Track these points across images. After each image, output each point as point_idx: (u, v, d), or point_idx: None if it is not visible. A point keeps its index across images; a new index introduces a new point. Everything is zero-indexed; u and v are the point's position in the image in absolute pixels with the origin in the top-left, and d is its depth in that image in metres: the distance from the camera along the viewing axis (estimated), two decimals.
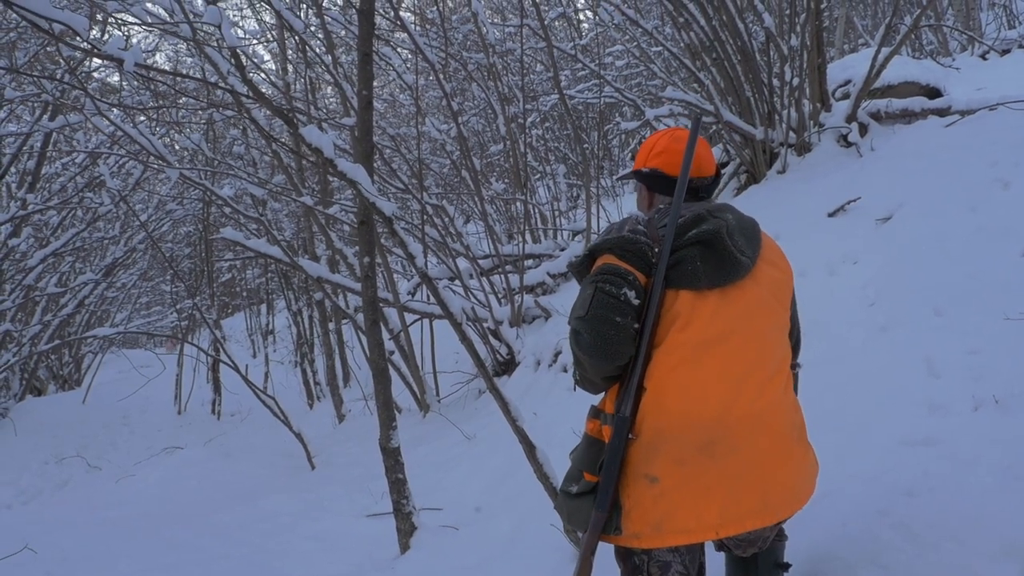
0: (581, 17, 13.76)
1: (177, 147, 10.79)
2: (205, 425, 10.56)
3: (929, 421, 3.16)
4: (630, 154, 14.54)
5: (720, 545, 2.37)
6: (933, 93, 7.44)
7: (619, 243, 2.08)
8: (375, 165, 4.56)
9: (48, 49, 8.63)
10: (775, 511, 1.99)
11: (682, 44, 7.66)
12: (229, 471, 7.52)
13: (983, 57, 11.79)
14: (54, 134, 9.63)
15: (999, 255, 4.05)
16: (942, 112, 6.77)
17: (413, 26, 9.16)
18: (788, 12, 7.00)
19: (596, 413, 2.11)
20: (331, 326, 10.88)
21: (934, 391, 3.33)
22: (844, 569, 2.53)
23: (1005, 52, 11.58)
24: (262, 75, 9.28)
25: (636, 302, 2.02)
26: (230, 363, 8.14)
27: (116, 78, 11.11)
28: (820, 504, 2.29)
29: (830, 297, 4.49)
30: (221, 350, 9.21)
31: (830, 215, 5.47)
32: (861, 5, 15.97)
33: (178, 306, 13.82)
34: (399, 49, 8.79)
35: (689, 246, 2.03)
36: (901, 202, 5.10)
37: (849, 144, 6.60)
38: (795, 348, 2.36)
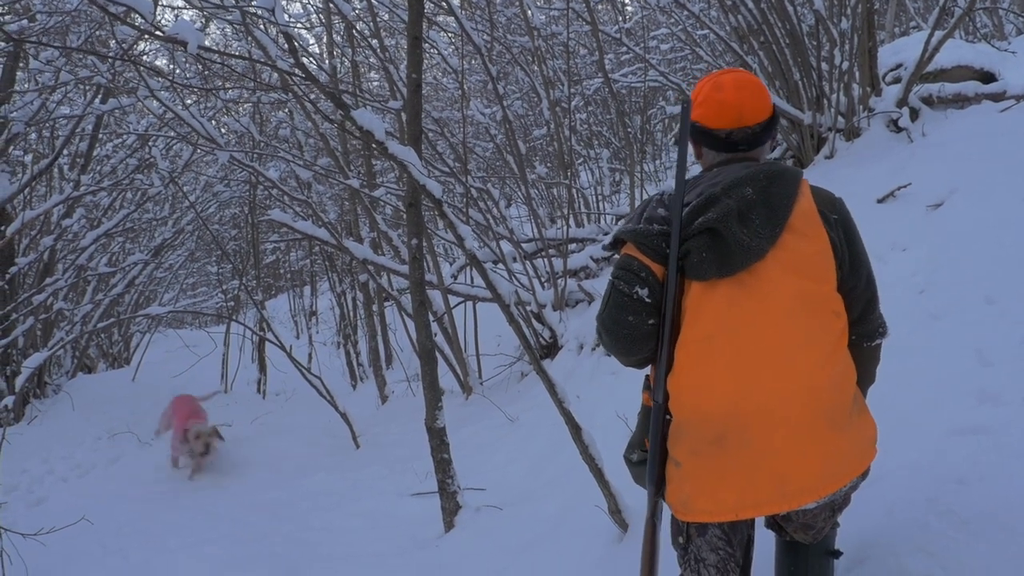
0: (626, 0, 13.67)
1: (224, 130, 10.94)
2: (251, 404, 10.73)
3: (980, 410, 3.12)
4: (673, 139, 14.44)
5: (771, 524, 2.37)
6: (987, 77, 7.29)
7: (634, 235, 2.07)
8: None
9: (99, 33, 8.78)
10: (795, 497, 1.96)
11: (729, 27, 7.58)
12: (275, 449, 7.66)
13: None
14: (105, 116, 9.81)
15: None
16: (997, 97, 6.64)
17: (459, 9, 9.18)
18: None
19: (647, 385, 2.16)
20: (374, 308, 10.99)
21: (985, 380, 3.29)
22: (891, 556, 2.53)
23: None
24: (309, 59, 9.37)
25: (649, 300, 2.02)
26: (276, 342, 8.28)
27: (163, 62, 11.31)
28: (868, 491, 2.28)
29: (879, 285, 4.43)
30: (267, 329, 9.36)
31: (879, 201, 5.40)
32: None
33: (224, 286, 14.03)
34: (443, 32, 8.82)
35: (697, 235, 1.97)
36: (953, 188, 5.02)
37: (899, 129, 6.50)
38: (862, 316, 2.16)
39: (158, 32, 3.64)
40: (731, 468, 1.94)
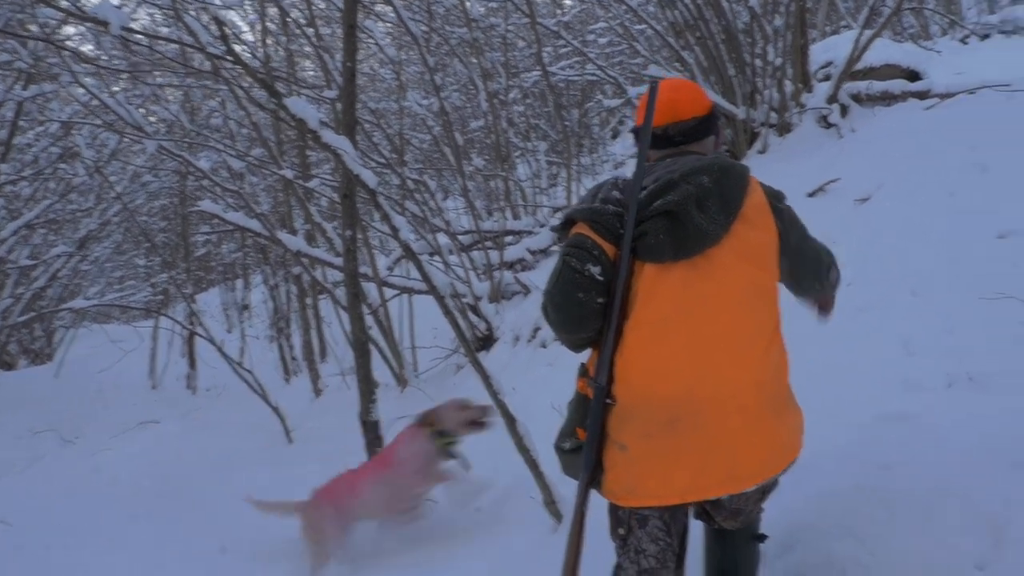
0: None
1: (153, 118, 10.65)
2: (180, 399, 10.49)
3: (904, 398, 3.21)
4: (611, 132, 14.53)
5: (700, 513, 2.39)
6: (913, 76, 7.49)
7: (589, 214, 2.08)
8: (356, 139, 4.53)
9: (19, 16, 8.45)
10: (742, 481, 2.01)
11: (666, 22, 7.65)
12: (206, 445, 7.49)
13: (963, 41, 11.89)
14: (27, 103, 9.44)
15: (975, 237, 4.11)
16: (922, 95, 6.83)
17: None
18: None
19: (584, 372, 2.14)
20: (308, 301, 10.83)
21: (910, 369, 3.39)
22: (819, 539, 2.58)
23: (984, 37, 11.70)
24: (243, 46, 9.16)
25: (601, 278, 2.02)
26: (206, 336, 8.09)
27: (89, 48, 10.93)
28: (797, 477, 2.32)
29: None
30: (197, 323, 9.14)
31: (809, 195, 5.50)
32: None
33: (153, 280, 13.66)
34: (380, 22, 8.71)
35: (654, 217, 1.99)
36: (880, 183, 5.14)
37: (830, 125, 6.64)
38: (813, 274, 2.29)
39: (79, 12, 3.50)
40: (686, 450, 1.96)
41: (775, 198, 2.17)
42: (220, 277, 18.64)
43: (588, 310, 2.03)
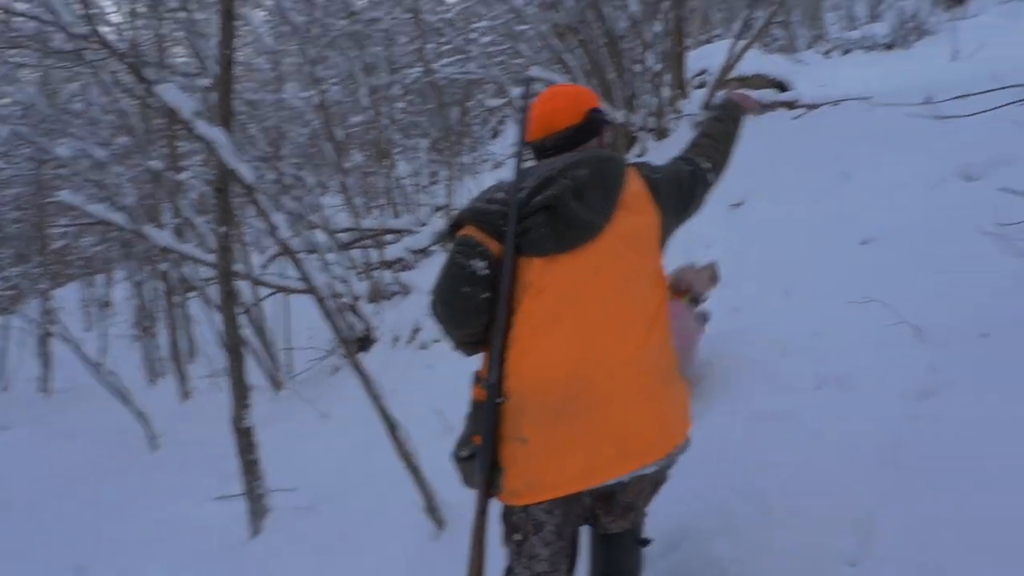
0: None
1: (6, 100, 9.94)
2: (32, 403, 9.89)
3: (777, 398, 3.30)
4: (491, 132, 14.55)
5: (588, 517, 2.38)
6: (781, 86, 7.79)
7: (473, 213, 2.14)
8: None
9: None
10: (636, 457, 2.03)
11: (548, 24, 7.68)
12: (61, 453, 7.08)
13: (826, 55, 12.51)
14: None
15: (841, 242, 4.27)
16: (790, 105, 7.10)
17: None
18: None
19: (477, 379, 2.15)
20: (176, 298, 10.36)
21: (781, 369, 3.48)
22: (701, 541, 2.62)
23: (846, 52, 12.35)
24: (113, 27, 8.67)
25: (485, 272, 2.07)
26: (63, 335, 7.63)
27: None
28: (676, 479, 2.37)
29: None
30: (53, 321, 8.60)
31: None
32: None
33: (3, 274, 12.81)
34: (258, 10, 8.42)
35: (535, 213, 2.06)
36: (752, 189, 5.31)
37: None
38: (704, 192, 2.44)
39: None
40: (577, 436, 1.98)
41: (649, 171, 2.27)
42: (80, 272, 17.63)
43: (473, 304, 2.08)
